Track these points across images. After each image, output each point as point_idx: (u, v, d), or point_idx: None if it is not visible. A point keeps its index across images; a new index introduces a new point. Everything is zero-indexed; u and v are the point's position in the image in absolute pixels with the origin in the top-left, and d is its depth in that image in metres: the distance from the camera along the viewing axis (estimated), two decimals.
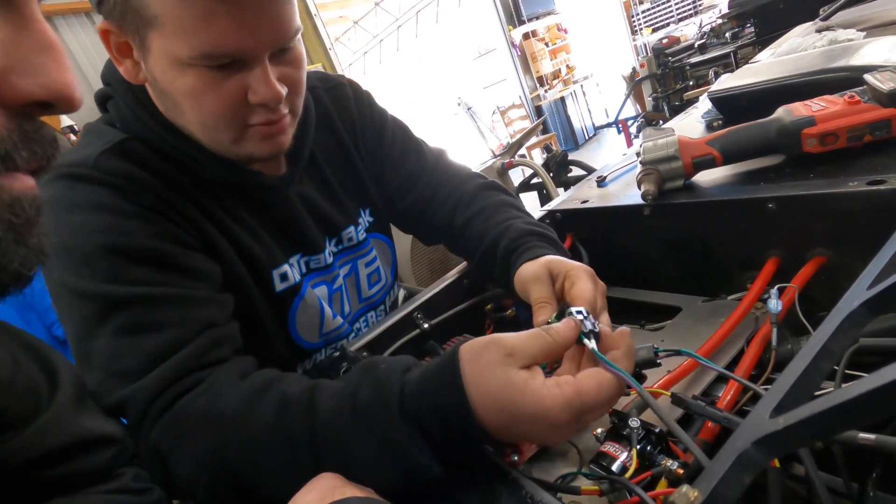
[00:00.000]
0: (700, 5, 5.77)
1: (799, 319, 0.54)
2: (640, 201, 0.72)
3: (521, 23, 6.51)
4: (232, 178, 0.63)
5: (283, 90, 0.56)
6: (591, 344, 0.42)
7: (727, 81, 0.91)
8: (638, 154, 0.75)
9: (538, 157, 5.85)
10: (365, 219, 0.82)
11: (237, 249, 0.63)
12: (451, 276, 0.79)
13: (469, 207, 0.77)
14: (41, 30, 0.25)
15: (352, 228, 0.78)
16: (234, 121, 0.57)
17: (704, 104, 0.96)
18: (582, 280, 0.52)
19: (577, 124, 7.14)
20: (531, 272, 0.57)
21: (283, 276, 0.69)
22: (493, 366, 0.39)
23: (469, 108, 6.86)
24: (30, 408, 0.37)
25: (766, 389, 0.48)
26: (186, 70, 0.52)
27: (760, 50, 1.43)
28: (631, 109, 5.12)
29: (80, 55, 2.88)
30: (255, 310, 0.66)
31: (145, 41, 0.52)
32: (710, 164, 0.69)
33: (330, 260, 0.76)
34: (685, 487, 0.23)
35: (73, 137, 2.65)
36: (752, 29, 2.80)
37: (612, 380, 0.40)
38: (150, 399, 0.48)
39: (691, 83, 3.71)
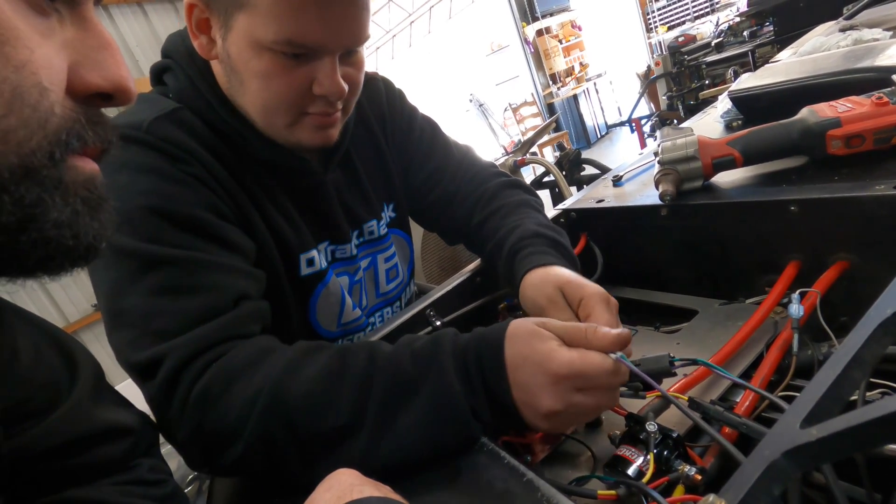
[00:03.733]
0: (717, 3, 5.69)
1: (820, 325, 0.53)
2: (658, 201, 0.71)
3: (535, 19, 6.47)
4: (276, 159, 0.65)
5: (346, 88, 0.59)
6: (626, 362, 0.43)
7: (748, 81, 0.89)
8: (655, 154, 0.74)
9: (549, 155, 5.82)
10: (388, 213, 0.82)
11: (270, 229, 0.65)
12: (464, 273, 0.79)
13: (487, 206, 0.76)
14: (100, 31, 0.28)
15: (374, 222, 0.79)
16: (294, 107, 0.59)
17: (723, 104, 0.94)
18: (598, 310, 0.52)
19: (589, 122, 7.09)
20: (545, 294, 0.57)
21: (310, 261, 0.70)
22: (528, 322, 0.46)
23: (481, 105, 6.84)
24: (50, 398, 0.37)
25: (785, 397, 0.47)
26: (263, 53, 0.55)
27: (779, 49, 1.40)
28: (645, 108, 5.07)
29: (132, 41, 3.03)
30: (279, 291, 0.66)
31: (230, 20, 0.55)
32: (730, 164, 0.68)
33: (354, 251, 0.76)
34: (711, 497, 0.22)
35: None
36: (771, 27, 2.76)
37: (618, 367, 0.43)
38: (189, 357, 0.48)
39: (707, 82, 3.66)
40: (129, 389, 0.50)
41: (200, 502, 0.53)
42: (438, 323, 0.72)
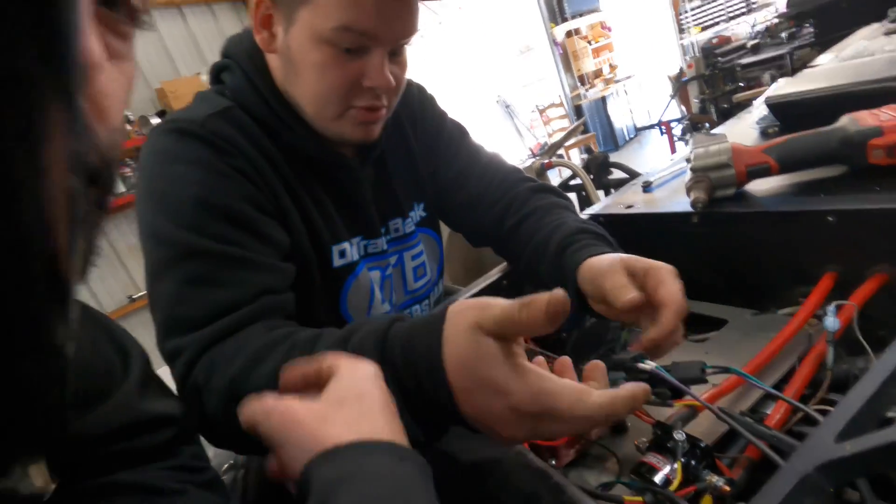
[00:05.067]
0: (754, 3, 5.53)
1: (856, 339, 0.52)
2: (689, 209, 0.70)
3: (564, 20, 6.41)
4: (317, 152, 0.69)
5: (393, 82, 0.64)
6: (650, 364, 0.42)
7: (785, 87, 0.87)
8: (687, 160, 0.73)
9: (576, 157, 5.76)
10: (417, 213, 0.84)
11: (304, 220, 0.69)
12: (492, 275, 0.80)
13: (521, 209, 0.77)
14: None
15: (399, 220, 0.81)
16: (343, 98, 0.64)
17: (759, 109, 0.93)
18: (670, 281, 0.51)
19: (617, 125, 6.98)
20: (605, 265, 0.56)
21: (342, 253, 0.73)
22: (466, 325, 0.37)
23: (507, 106, 6.81)
24: (104, 387, 0.39)
25: (819, 410, 0.46)
26: (321, 45, 0.60)
27: (819, 52, 1.36)
28: (676, 111, 4.96)
29: (171, 43, 3.14)
30: (311, 282, 0.70)
31: (293, 14, 0.60)
32: (764, 172, 0.67)
33: (385, 247, 0.79)
34: None
35: (128, 127, 2.80)
36: (812, 29, 2.67)
37: (592, 405, 0.36)
38: (202, 350, 0.53)
39: (742, 85, 3.57)
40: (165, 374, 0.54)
41: (235, 490, 0.56)
42: None
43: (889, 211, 0.53)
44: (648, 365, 0.42)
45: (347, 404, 0.35)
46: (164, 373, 0.53)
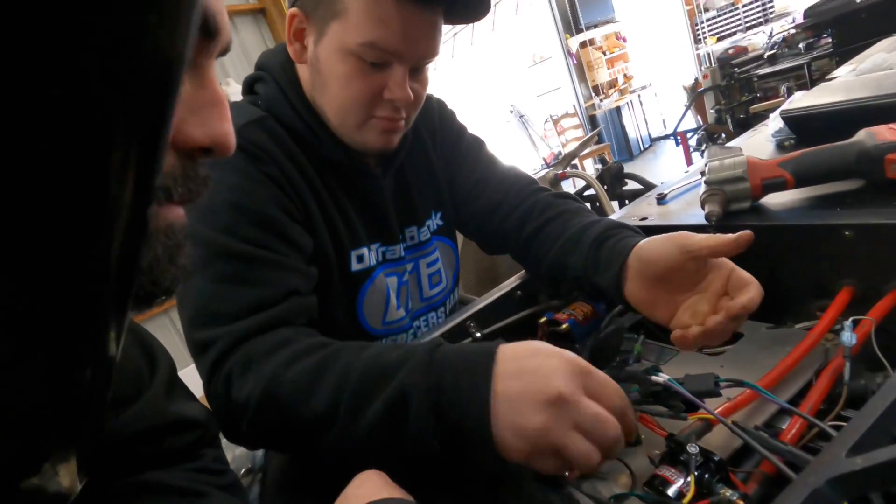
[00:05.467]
0: (771, 13, 5.49)
1: (874, 354, 0.52)
2: (703, 222, 0.70)
3: (579, 31, 6.42)
4: (342, 159, 0.73)
5: (412, 96, 0.68)
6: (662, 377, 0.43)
7: (802, 100, 0.87)
8: (702, 173, 0.73)
9: (590, 168, 5.74)
10: (434, 221, 0.87)
11: (327, 224, 0.72)
12: (507, 286, 0.80)
13: (544, 213, 0.78)
14: (214, 89, 0.29)
15: (414, 228, 0.83)
16: (365, 108, 0.68)
17: (775, 122, 0.92)
18: (738, 269, 0.55)
19: (632, 135, 6.95)
20: (664, 239, 0.59)
21: (360, 258, 0.75)
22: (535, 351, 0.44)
23: (521, 116, 6.83)
24: (133, 390, 0.41)
25: (834, 426, 0.46)
26: (348, 58, 0.64)
27: (838, 62, 1.35)
28: (691, 121, 4.93)
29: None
30: (330, 285, 0.73)
31: (325, 28, 0.64)
32: (780, 186, 0.67)
33: (402, 253, 0.81)
34: None
35: None
36: (830, 40, 2.64)
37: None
38: (236, 343, 0.55)
39: (759, 95, 3.54)
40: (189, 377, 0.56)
41: (254, 492, 0.57)
42: (479, 335, 0.74)
43: None
44: (661, 377, 0.42)
45: (353, 496, 0.36)
46: (186, 376, 0.55)
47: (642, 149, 7.07)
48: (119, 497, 0.39)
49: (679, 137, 4.70)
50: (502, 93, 6.81)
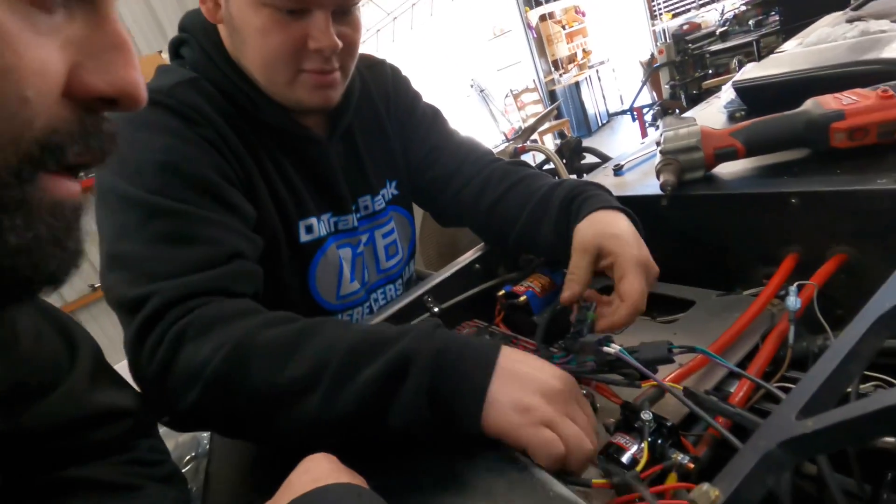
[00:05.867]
0: None
1: (815, 317, 0.53)
2: (658, 191, 0.71)
3: (539, 4, 6.38)
4: (283, 124, 0.67)
5: (339, 43, 0.62)
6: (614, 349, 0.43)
7: (752, 71, 0.88)
8: (657, 143, 0.74)
9: (550, 143, 5.78)
10: (389, 190, 0.83)
11: (272, 194, 0.67)
12: (464, 260, 0.79)
13: (503, 182, 0.76)
14: (115, 29, 0.25)
15: (368, 197, 0.79)
16: (290, 62, 0.62)
17: (727, 94, 0.94)
18: (632, 275, 0.53)
19: (590, 110, 7.03)
20: (581, 242, 0.58)
21: (309, 228, 0.71)
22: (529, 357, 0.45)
23: (482, 91, 6.77)
24: (50, 379, 0.37)
25: (780, 387, 0.48)
26: (261, 10, 0.59)
27: (785, 39, 1.39)
28: (647, 97, 5.03)
29: (131, 21, 2.97)
30: (279, 258, 0.69)
31: None
32: (732, 156, 0.68)
33: (356, 223, 0.78)
34: (706, 486, 0.23)
35: None
36: (777, 17, 2.72)
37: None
38: (177, 299, 0.49)
39: (711, 71, 3.63)
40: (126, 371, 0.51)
41: (197, 483, 0.54)
42: (436, 310, 0.72)
43: (848, 192, 0.55)
44: (614, 348, 0.42)
45: (298, 483, 0.33)
46: (121, 369, 0.50)
47: (600, 124, 7.18)
48: (39, 497, 0.35)
49: (635, 113, 4.79)
50: (462, 66, 6.72)
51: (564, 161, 2.25)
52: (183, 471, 0.54)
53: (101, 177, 0.57)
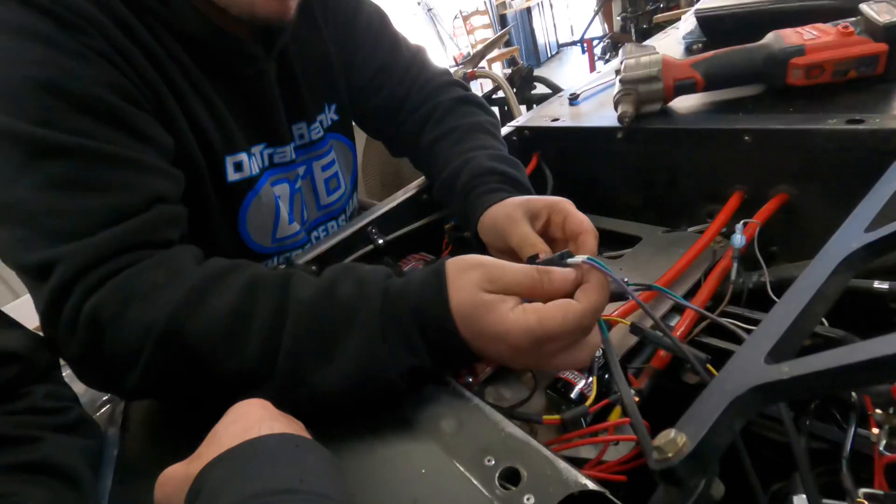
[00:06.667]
0: None
1: (753, 254, 0.55)
2: (614, 123, 0.68)
3: None
4: (207, 37, 0.55)
5: None
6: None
7: (716, 0, 0.85)
8: (617, 72, 0.70)
9: (499, 71, 5.60)
10: (328, 115, 0.73)
11: (191, 125, 0.55)
12: (410, 189, 0.74)
13: (440, 124, 0.69)
14: None
15: (303, 125, 0.70)
16: None
17: (687, 24, 0.90)
18: (573, 211, 0.48)
19: (540, 40, 6.83)
20: (503, 214, 0.52)
21: (238, 166, 0.61)
22: (471, 285, 0.38)
23: (429, 10, 6.33)
24: None
25: (724, 320, 0.49)
26: None
27: None
28: (598, 29, 4.92)
29: None
30: (204, 198, 0.59)
31: None
32: (690, 88, 0.66)
33: (293, 155, 0.69)
34: (673, 432, 0.21)
35: None
36: None
37: (578, 311, 0.37)
38: (89, 264, 0.41)
39: (662, 5, 3.58)
40: (21, 309, 0.43)
41: (114, 429, 0.48)
42: (381, 242, 0.68)
43: (801, 131, 0.54)
44: (579, 258, 0.40)
45: (225, 434, 0.29)
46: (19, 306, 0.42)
47: (549, 55, 7.03)
48: None
49: (586, 45, 4.70)
50: None
51: (515, 90, 2.17)
52: (97, 415, 0.49)
53: None
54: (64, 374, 0.47)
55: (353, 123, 0.81)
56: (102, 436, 0.43)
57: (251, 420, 0.29)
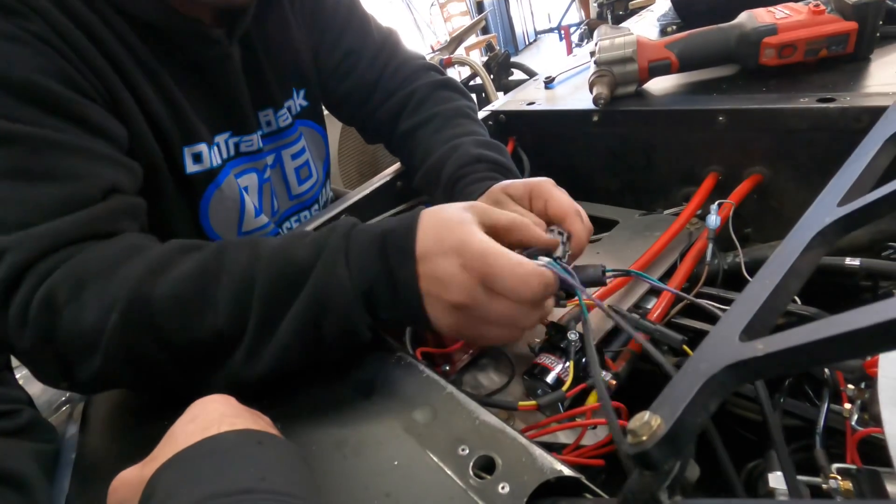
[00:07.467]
0: None
1: (728, 235, 0.55)
2: (589, 106, 0.68)
3: None
4: (167, 21, 0.52)
5: None
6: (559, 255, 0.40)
7: None
8: (592, 53, 0.69)
9: (477, 60, 5.56)
10: (297, 101, 0.70)
11: (146, 115, 0.53)
12: (384, 177, 0.72)
13: (417, 111, 0.67)
14: None
15: (270, 111, 0.67)
16: None
17: (662, 5, 0.90)
18: (556, 192, 0.47)
19: (518, 28, 6.80)
20: (491, 201, 0.51)
21: (197, 157, 0.58)
22: (456, 208, 0.39)
23: None
24: None
25: (701, 301, 0.49)
26: None
27: None
28: (575, 15, 4.91)
29: None
30: (162, 191, 0.56)
31: None
32: (665, 69, 0.65)
33: (260, 144, 0.65)
34: (647, 415, 0.21)
35: None
36: None
37: (536, 271, 0.35)
38: (39, 254, 0.39)
39: None
40: None
41: (73, 429, 0.46)
42: None
43: (774, 111, 0.54)
44: (542, 261, 0.39)
45: (182, 434, 0.28)
46: None
47: (527, 42, 7.00)
48: None
49: (563, 31, 4.69)
50: None
51: (492, 77, 2.15)
52: (54, 416, 0.46)
53: None
54: (19, 377, 0.45)
55: (325, 110, 0.78)
56: (59, 438, 0.40)
57: (211, 418, 0.27)
